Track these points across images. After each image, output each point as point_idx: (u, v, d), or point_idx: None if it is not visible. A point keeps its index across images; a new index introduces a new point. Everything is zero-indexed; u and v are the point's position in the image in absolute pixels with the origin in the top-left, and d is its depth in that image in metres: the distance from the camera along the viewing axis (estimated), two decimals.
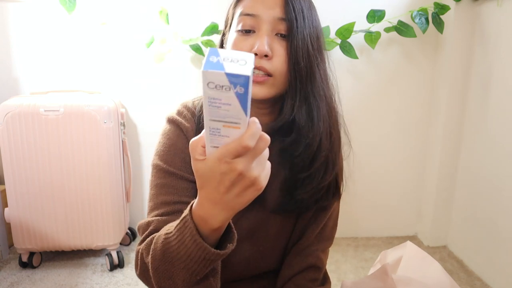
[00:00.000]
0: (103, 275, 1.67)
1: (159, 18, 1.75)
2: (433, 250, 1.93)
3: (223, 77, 0.39)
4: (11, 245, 1.83)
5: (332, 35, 1.79)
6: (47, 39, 1.81)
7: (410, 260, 0.70)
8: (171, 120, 0.74)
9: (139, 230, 0.68)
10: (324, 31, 1.77)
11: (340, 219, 0.87)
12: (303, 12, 0.66)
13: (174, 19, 1.79)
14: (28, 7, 1.77)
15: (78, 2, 1.71)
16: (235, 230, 0.56)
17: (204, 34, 1.77)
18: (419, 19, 1.76)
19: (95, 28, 1.79)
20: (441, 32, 1.80)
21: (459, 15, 1.74)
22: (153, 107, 1.91)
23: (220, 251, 0.52)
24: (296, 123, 0.68)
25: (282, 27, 0.66)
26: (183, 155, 0.71)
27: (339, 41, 1.78)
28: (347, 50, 1.78)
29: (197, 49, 1.80)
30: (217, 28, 1.76)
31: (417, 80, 1.93)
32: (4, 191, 1.70)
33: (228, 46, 0.70)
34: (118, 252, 1.73)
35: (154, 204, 0.69)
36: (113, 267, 1.71)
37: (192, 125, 0.73)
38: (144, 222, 0.68)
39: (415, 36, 1.77)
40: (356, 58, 1.79)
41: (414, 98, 1.95)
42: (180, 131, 0.72)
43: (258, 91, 0.66)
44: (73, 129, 1.57)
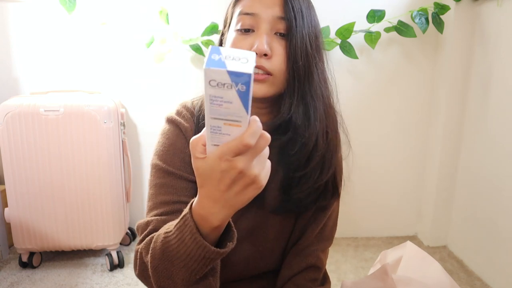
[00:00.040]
0: (103, 275, 1.67)
1: (159, 18, 1.75)
2: (433, 250, 1.93)
3: (225, 75, 0.39)
4: (11, 245, 1.83)
5: (332, 35, 1.79)
6: (47, 39, 1.81)
7: (410, 260, 0.70)
8: (170, 120, 0.74)
9: (138, 230, 0.68)
10: (324, 31, 1.77)
11: (340, 219, 0.87)
12: (302, 12, 0.66)
13: (174, 19, 1.79)
14: (28, 7, 1.77)
15: (78, 2, 1.71)
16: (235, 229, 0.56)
17: (204, 34, 1.77)
18: (419, 19, 1.76)
19: (95, 28, 1.79)
20: (441, 32, 1.80)
21: (459, 15, 1.74)
22: (153, 107, 1.91)
23: (220, 250, 0.52)
24: (292, 122, 0.68)
25: (281, 26, 0.66)
26: (182, 155, 0.71)
27: (339, 41, 1.78)
28: (347, 50, 1.78)
29: (197, 49, 1.80)
30: (217, 28, 1.76)
31: (417, 80, 1.93)
32: (4, 191, 1.71)
33: (227, 45, 0.69)
34: (118, 252, 1.73)
35: (153, 203, 0.69)
36: (113, 267, 1.71)
37: (191, 125, 0.73)
38: (143, 221, 0.68)
39: (415, 36, 1.77)
40: (356, 58, 1.79)
41: (414, 98, 1.95)
42: (179, 131, 0.72)
43: (258, 89, 0.66)
44: (73, 129, 1.57)
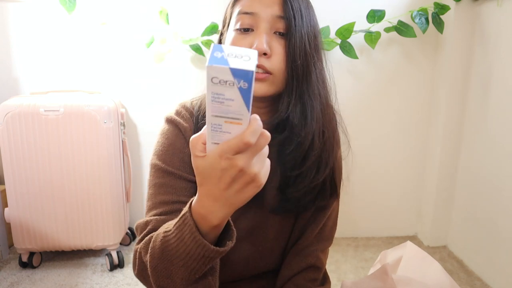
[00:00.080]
0: (103, 275, 1.67)
1: (159, 18, 1.75)
2: (433, 250, 1.93)
3: (227, 72, 0.40)
4: (11, 245, 1.83)
5: (332, 35, 1.79)
6: (47, 39, 1.81)
7: (410, 260, 0.70)
8: (169, 120, 0.74)
9: (137, 229, 0.68)
10: (324, 31, 1.77)
11: (340, 219, 0.87)
12: (301, 11, 0.66)
13: (174, 19, 1.79)
14: (28, 7, 1.77)
15: (78, 2, 1.71)
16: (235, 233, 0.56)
17: (204, 34, 1.78)
18: (419, 19, 1.76)
19: (95, 28, 1.79)
20: (441, 32, 1.80)
21: (459, 15, 1.74)
22: (153, 107, 1.91)
23: (219, 248, 0.52)
24: (290, 121, 0.68)
25: (281, 25, 0.66)
26: (182, 155, 0.71)
27: (339, 41, 1.78)
28: (347, 50, 1.78)
29: (197, 49, 1.80)
30: (217, 28, 1.76)
31: (417, 80, 1.93)
32: (4, 191, 1.71)
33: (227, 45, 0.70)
34: (118, 252, 1.73)
35: (152, 203, 0.69)
36: (113, 267, 1.71)
37: (191, 125, 0.73)
38: (142, 221, 0.68)
39: (415, 36, 1.77)
40: (356, 58, 1.79)
41: (414, 98, 1.95)
42: (179, 131, 0.72)
43: (258, 88, 0.66)
44: (73, 129, 1.57)
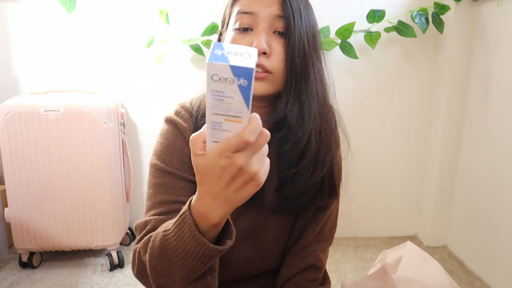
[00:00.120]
0: (103, 275, 1.67)
1: (159, 18, 1.75)
2: (433, 250, 1.93)
3: (227, 69, 0.40)
4: (11, 245, 1.83)
5: (332, 35, 1.79)
6: (47, 39, 1.81)
7: (410, 260, 0.70)
8: (168, 120, 0.74)
9: (137, 229, 0.68)
10: (324, 31, 1.77)
11: (340, 219, 0.87)
12: (300, 10, 0.67)
13: (174, 19, 1.79)
14: (28, 7, 1.77)
15: (78, 2, 1.71)
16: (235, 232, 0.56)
17: (204, 34, 1.78)
18: (419, 19, 1.76)
19: (95, 28, 1.79)
20: (441, 32, 1.80)
21: (459, 15, 1.74)
22: (153, 107, 1.91)
23: (218, 247, 0.52)
24: (287, 120, 0.68)
25: (280, 25, 0.66)
26: (181, 155, 0.71)
27: (339, 41, 1.78)
28: (347, 50, 1.78)
29: (197, 49, 1.80)
30: (217, 28, 1.76)
31: (417, 80, 1.93)
32: (4, 191, 1.71)
33: None
34: (118, 252, 1.73)
35: (151, 203, 0.70)
36: (113, 267, 1.71)
37: (190, 125, 0.73)
38: (141, 221, 0.68)
39: (415, 36, 1.77)
40: (356, 58, 1.79)
41: (414, 98, 1.95)
42: (178, 131, 0.73)
43: (257, 87, 0.66)
44: (73, 129, 1.57)
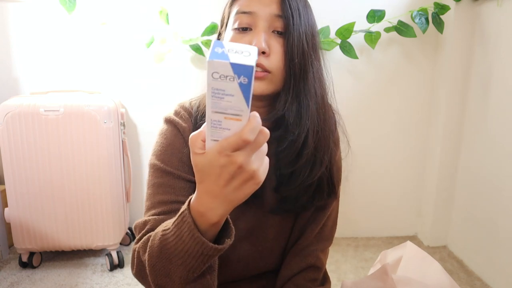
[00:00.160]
0: (103, 275, 1.67)
1: (159, 18, 1.75)
2: (433, 250, 1.93)
3: (227, 67, 0.40)
4: (11, 245, 1.83)
5: (332, 35, 1.79)
6: (47, 39, 1.81)
7: (410, 260, 0.70)
8: (168, 120, 0.74)
9: (136, 229, 0.68)
10: (324, 31, 1.77)
11: (340, 219, 0.87)
12: (299, 10, 0.67)
13: (174, 19, 1.79)
14: (28, 7, 1.77)
15: (78, 2, 1.71)
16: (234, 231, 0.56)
17: (204, 34, 1.78)
18: (419, 19, 1.76)
19: (95, 28, 1.79)
20: (441, 32, 1.80)
21: (459, 15, 1.74)
22: (153, 107, 1.91)
23: (217, 246, 0.52)
24: (285, 119, 0.68)
25: (279, 24, 0.66)
26: (180, 155, 0.71)
27: (339, 41, 1.78)
28: (347, 50, 1.78)
29: (197, 49, 1.80)
30: (217, 28, 1.76)
31: (417, 80, 1.93)
32: (4, 191, 1.71)
33: None
34: (118, 252, 1.73)
35: (151, 203, 0.70)
36: (113, 267, 1.71)
37: (189, 125, 0.73)
38: (140, 221, 0.68)
39: (415, 36, 1.77)
40: (356, 58, 1.79)
41: (414, 98, 1.95)
42: (177, 131, 0.73)
43: (256, 86, 0.66)
44: (73, 129, 1.57)
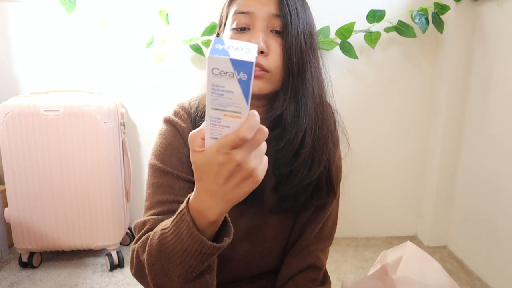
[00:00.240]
0: (103, 275, 1.67)
1: (159, 18, 1.75)
2: (433, 250, 1.93)
3: (227, 63, 0.40)
4: (11, 245, 1.83)
5: (332, 35, 1.79)
6: (47, 39, 1.81)
7: (410, 260, 0.70)
8: (167, 120, 0.74)
9: (135, 229, 0.68)
10: (324, 31, 1.77)
11: (340, 219, 0.87)
12: (297, 9, 0.67)
13: (174, 19, 1.79)
14: (28, 7, 1.77)
15: (78, 2, 1.71)
16: (233, 230, 0.56)
17: (204, 34, 1.78)
18: (419, 19, 1.76)
19: (95, 28, 1.79)
20: (441, 32, 1.80)
21: (459, 15, 1.74)
22: (153, 107, 1.91)
23: (216, 244, 0.52)
24: (283, 118, 0.68)
25: (277, 24, 0.66)
26: (180, 155, 0.71)
27: (339, 41, 1.78)
28: (347, 50, 1.78)
29: (197, 49, 1.80)
30: (217, 28, 1.76)
31: (417, 80, 1.93)
32: (4, 191, 1.71)
33: None
34: (118, 252, 1.73)
35: (150, 203, 0.70)
36: (113, 267, 1.71)
37: (189, 125, 0.73)
38: (140, 221, 0.68)
39: (415, 36, 1.77)
40: (356, 58, 1.79)
41: (414, 98, 1.95)
42: (177, 131, 0.73)
43: (255, 85, 0.66)
44: (73, 129, 1.57)
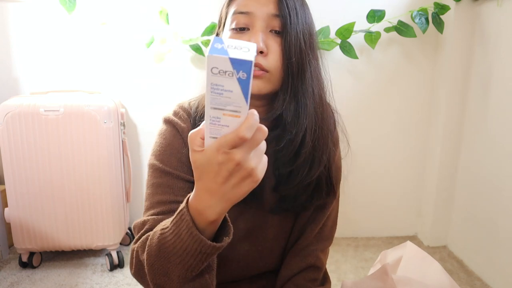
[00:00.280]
0: (103, 275, 1.67)
1: (159, 18, 1.75)
2: (433, 250, 1.93)
3: (227, 62, 0.40)
4: (11, 245, 1.83)
5: (332, 35, 1.79)
6: (47, 39, 1.81)
7: (410, 260, 0.70)
8: (167, 121, 0.74)
9: (135, 229, 0.68)
10: (324, 31, 1.77)
11: (340, 219, 0.87)
12: (296, 9, 0.67)
13: (174, 19, 1.79)
14: (28, 7, 1.77)
15: (78, 2, 1.71)
16: (233, 230, 0.56)
17: (204, 34, 1.78)
18: (419, 19, 1.76)
19: (95, 28, 1.79)
20: (441, 32, 1.80)
21: (459, 15, 1.74)
22: (153, 107, 1.91)
23: (216, 244, 0.52)
24: (283, 118, 0.68)
25: (276, 24, 0.66)
26: (179, 155, 0.71)
27: (339, 41, 1.78)
28: (347, 50, 1.78)
29: (197, 49, 1.80)
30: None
31: (417, 80, 1.93)
32: (4, 191, 1.71)
33: None
34: (118, 252, 1.73)
35: (150, 203, 0.70)
36: (113, 267, 1.71)
37: (188, 125, 0.73)
38: (139, 221, 0.68)
39: (415, 36, 1.77)
40: (356, 58, 1.79)
41: (414, 98, 1.95)
42: (176, 131, 0.73)
43: (254, 85, 0.66)
44: (73, 129, 1.57)
